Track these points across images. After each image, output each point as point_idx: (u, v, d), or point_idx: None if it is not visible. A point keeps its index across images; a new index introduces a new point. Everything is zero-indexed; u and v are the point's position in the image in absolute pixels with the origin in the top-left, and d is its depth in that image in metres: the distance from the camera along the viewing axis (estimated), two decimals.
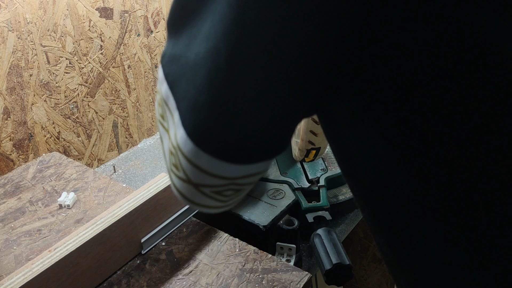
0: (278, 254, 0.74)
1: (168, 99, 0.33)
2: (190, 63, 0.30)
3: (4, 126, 0.91)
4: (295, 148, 0.79)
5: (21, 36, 0.89)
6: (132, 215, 0.66)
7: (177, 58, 0.31)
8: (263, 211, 0.76)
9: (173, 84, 0.32)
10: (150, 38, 1.13)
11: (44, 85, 0.95)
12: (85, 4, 0.97)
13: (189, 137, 0.31)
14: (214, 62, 0.28)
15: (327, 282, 0.69)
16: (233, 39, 0.27)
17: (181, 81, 0.31)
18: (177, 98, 0.32)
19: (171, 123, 0.33)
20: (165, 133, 0.35)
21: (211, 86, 0.29)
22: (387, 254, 0.37)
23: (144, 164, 1.06)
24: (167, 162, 0.35)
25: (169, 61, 0.32)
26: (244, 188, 0.36)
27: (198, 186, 0.34)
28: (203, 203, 0.36)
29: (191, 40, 0.30)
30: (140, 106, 1.16)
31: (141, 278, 0.65)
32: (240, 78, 0.28)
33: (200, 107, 0.30)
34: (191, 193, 0.35)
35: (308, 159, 0.78)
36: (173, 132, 0.33)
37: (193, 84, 0.30)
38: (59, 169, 0.89)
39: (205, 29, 0.29)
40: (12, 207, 0.80)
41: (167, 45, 0.33)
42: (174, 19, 0.32)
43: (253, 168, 0.33)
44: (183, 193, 0.35)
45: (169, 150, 0.34)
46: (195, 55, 0.29)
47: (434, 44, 0.26)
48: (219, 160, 0.31)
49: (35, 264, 0.57)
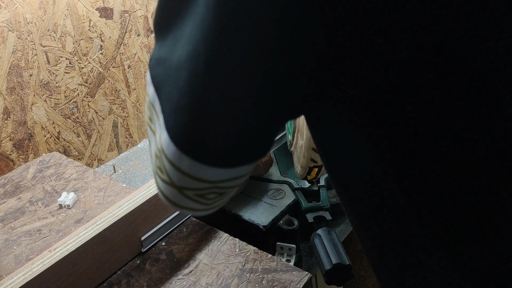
0: (278, 254, 0.74)
1: (154, 101, 0.33)
2: (174, 66, 0.30)
3: (4, 126, 0.91)
4: (297, 166, 0.79)
5: (21, 36, 0.89)
6: (132, 215, 0.66)
7: (162, 61, 0.32)
8: (263, 211, 0.76)
9: (159, 87, 0.32)
10: (150, 38, 1.13)
11: (44, 85, 0.95)
12: (85, 4, 0.97)
13: (171, 140, 0.31)
14: (193, 65, 0.28)
15: (327, 282, 0.69)
16: (211, 43, 0.27)
17: (165, 84, 0.31)
18: (162, 100, 0.32)
19: (157, 125, 0.33)
20: (152, 135, 0.35)
21: (191, 89, 0.29)
22: (373, 259, 0.37)
23: (144, 164, 1.06)
24: (153, 164, 0.35)
25: (155, 64, 0.32)
26: (228, 191, 0.36)
27: (181, 189, 0.34)
28: (187, 205, 0.36)
29: (175, 43, 0.30)
30: (140, 106, 1.16)
31: (141, 278, 0.65)
32: (218, 81, 0.28)
33: (181, 110, 0.30)
34: (174, 196, 0.35)
35: (310, 177, 0.78)
36: (158, 135, 0.33)
37: (175, 87, 0.30)
38: (59, 169, 0.89)
39: (186, 32, 0.29)
40: (12, 207, 0.80)
41: (154, 47, 0.34)
42: (159, 21, 0.32)
43: (235, 171, 0.33)
44: (167, 195, 0.35)
45: (154, 152, 0.34)
46: (177, 58, 0.30)
47: (410, 50, 0.26)
48: (201, 164, 0.31)
49: (35, 264, 0.57)
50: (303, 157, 0.75)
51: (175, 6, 0.30)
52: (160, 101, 0.32)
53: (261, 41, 0.26)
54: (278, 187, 0.84)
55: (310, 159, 0.74)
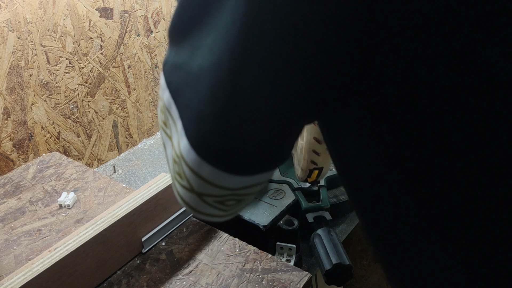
0: (278, 254, 0.74)
1: (170, 107, 0.33)
2: (194, 73, 0.30)
3: (4, 126, 0.91)
4: (298, 168, 0.79)
5: (21, 36, 0.89)
6: (132, 215, 0.66)
7: (179, 67, 0.32)
8: (263, 211, 0.76)
9: (176, 93, 0.32)
10: (150, 38, 1.13)
11: (44, 85, 0.95)
12: (85, 4, 0.97)
13: (192, 147, 0.31)
14: (218, 75, 0.28)
15: (327, 282, 0.69)
16: (236, 54, 0.27)
17: (184, 91, 0.31)
18: (180, 107, 0.32)
19: (174, 131, 0.33)
20: (168, 140, 0.35)
21: (214, 98, 0.29)
22: (384, 264, 0.37)
23: (144, 164, 1.06)
24: (171, 169, 0.35)
25: (171, 69, 0.33)
26: (246, 198, 0.36)
27: (201, 196, 0.34)
28: (206, 211, 0.36)
29: (194, 51, 0.30)
30: (140, 106, 1.16)
31: (141, 278, 0.65)
32: (242, 91, 0.28)
33: (204, 119, 0.30)
34: (194, 201, 0.35)
35: (310, 179, 0.78)
36: (176, 141, 0.33)
37: (196, 95, 0.30)
38: (59, 169, 0.89)
39: (209, 41, 0.29)
40: (12, 207, 0.80)
41: (169, 52, 0.34)
42: (176, 27, 0.33)
43: (255, 179, 0.33)
44: (186, 201, 0.36)
45: (172, 158, 0.34)
46: (198, 66, 0.30)
47: (435, 57, 0.25)
48: (222, 172, 0.32)
49: (35, 264, 0.57)
50: (303, 160, 0.75)
51: (195, 15, 0.30)
52: (177, 107, 0.32)
53: (287, 54, 0.26)
54: (278, 187, 0.84)
55: (311, 161, 0.74)
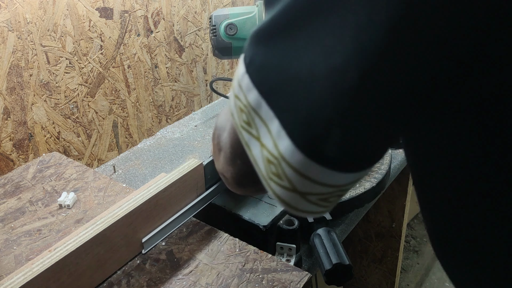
0: (278, 254, 0.74)
1: (259, 107, 0.33)
2: (298, 75, 0.30)
3: (4, 126, 0.91)
4: None
5: (21, 36, 0.89)
6: (132, 215, 0.66)
7: (273, 68, 0.31)
8: (263, 211, 0.76)
9: (270, 93, 0.32)
10: (150, 38, 1.13)
11: (44, 85, 0.95)
12: (85, 4, 0.97)
13: (298, 149, 0.31)
14: (342, 79, 0.28)
15: (327, 282, 0.69)
16: (375, 58, 0.27)
17: (282, 92, 0.31)
18: (276, 107, 0.32)
19: (264, 131, 0.33)
20: (254, 140, 0.35)
21: (335, 103, 0.29)
22: (452, 265, 0.38)
23: (144, 164, 1.06)
24: (263, 170, 0.35)
25: (261, 70, 0.32)
26: (346, 192, 0.36)
27: (305, 195, 0.34)
28: (307, 209, 0.36)
29: (293, 52, 0.30)
30: (140, 106, 1.16)
31: (141, 278, 0.65)
32: (368, 98, 0.28)
33: (315, 122, 0.30)
34: (296, 201, 0.35)
35: None
36: (271, 141, 0.33)
37: (306, 97, 0.30)
38: (59, 169, 0.89)
39: (320, 44, 0.29)
40: (12, 207, 0.80)
41: (253, 52, 0.33)
42: (269, 28, 0.32)
43: (360, 174, 0.34)
44: (286, 201, 0.35)
45: (264, 158, 0.34)
46: (307, 68, 0.29)
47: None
48: (333, 171, 0.32)
49: (35, 264, 0.57)
50: None
51: (295, 16, 0.30)
52: (272, 107, 0.32)
53: (431, 58, 0.27)
54: None
55: None
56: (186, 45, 1.23)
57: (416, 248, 2.01)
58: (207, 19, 1.27)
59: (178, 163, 1.05)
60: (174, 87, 1.24)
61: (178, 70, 1.23)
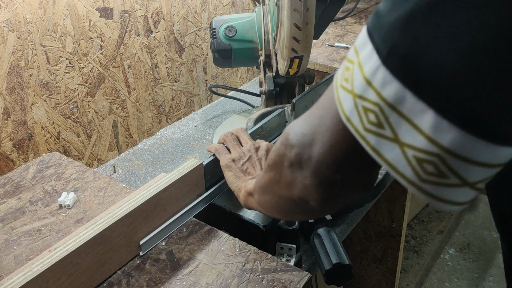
0: (278, 254, 0.74)
1: (401, 102, 0.31)
2: (447, 63, 0.29)
3: (4, 126, 0.91)
4: (281, 60, 0.85)
5: (21, 36, 0.89)
6: (132, 215, 0.66)
7: (419, 56, 0.30)
8: None
9: (418, 84, 0.30)
10: (150, 38, 1.13)
11: (44, 85, 0.95)
12: (85, 4, 0.97)
13: (474, 136, 0.29)
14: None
15: (327, 282, 0.69)
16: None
17: (434, 81, 0.29)
18: (429, 98, 0.30)
19: (405, 129, 0.31)
20: (387, 142, 0.32)
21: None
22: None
23: (144, 164, 1.06)
24: (409, 173, 0.32)
25: (406, 59, 0.30)
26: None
27: (473, 185, 0.32)
28: (466, 199, 0.34)
29: (437, 39, 0.29)
30: (140, 106, 1.16)
31: (141, 278, 0.65)
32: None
33: (487, 105, 0.28)
34: (465, 194, 0.33)
35: (292, 71, 0.82)
36: (420, 138, 0.31)
37: (462, 84, 0.28)
38: (59, 169, 0.89)
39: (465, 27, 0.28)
40: (12, 207, 0.80)
41: (393, 43, 0.31)
42: (408, 18, 0.30)
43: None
44: (454, 200, 0.33)
45: (412, 159, 0.32)
46: (458, 56, 0.28)
47: None
48: (503, 147, 0.30)
49: (35, 264, 0.57)
50: (285, 48, 0.80)
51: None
52: (422, 98, 0.30)
53: None
54: None
55: (291, 49, 0.79)
56: (186, 45, 1.23)
57: (416, 248, 2.01)
58: (207, 19, 1.27)
59: (178, 163, 1.05)
60: (174, 87, 1.24)
61: (178, 70, 1.23)
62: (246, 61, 1.10)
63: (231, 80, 1.44)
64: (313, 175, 0.41)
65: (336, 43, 1.41)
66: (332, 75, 1.07)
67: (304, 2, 0.82)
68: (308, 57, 0.89)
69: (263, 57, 1.04)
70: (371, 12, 1.68)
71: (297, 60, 0.84)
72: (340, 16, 1.62)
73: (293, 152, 0.42)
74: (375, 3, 1.78)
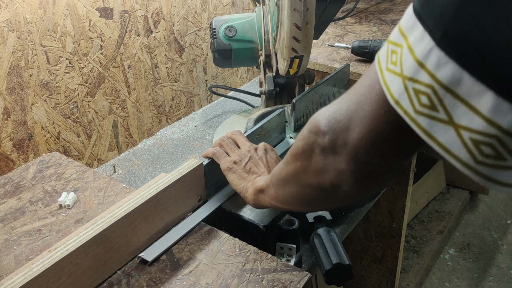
0: (278, 254, 0.74)
1: (458, 83, 0.30)
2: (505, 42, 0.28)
3: (4, 126, 0.91)
4: (281, 60, 0.85)
5: (21, 36, 0.89)
6: (132, 215, 0.66)
7: (477, 36, 0.29)
8: (263, 211, 0.76)
9: (477, 65, 0.29)
10: (150, 38, 1.13)
11: (44, 85, 0.95)
12: (85, 4, 0.97)
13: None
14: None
15: (327, 282, 0.69)
16: None
17: (493, 61, 0.29)
18: (489, 79, 0.29)
19: (460, 111, 0.30)
20: (441, 125, 0.32)
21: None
22: None
23: (144, 164, 1.06)
24: (465, 156, 0.32)
25: (463, 40, 0.30)
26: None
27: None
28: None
29: (495, 21, 0.29)
30: (140, 106, 1.16)
31: (141, 278, 0.65)
32: None
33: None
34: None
35: (292, 71, 0.83)
36: (479, 120, 0.30)
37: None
38: (59, 169, 0.89)
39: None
40: (12, 207, 0.80)
41: (448, 24, 0.30)
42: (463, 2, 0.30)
43: None
44: (508, 182, 0.33)
45: (469, 141, 0.31)
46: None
47: None
48: None
49: (35, 264, 0.57)
50: (285, 48, 0.81)
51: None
52: (481, 79, 0.29)
53: None
54: None
55: (291, 48, 0.80)
56: (186, 45, 1.23)
57: (416, 248, 2.01)
58: (207, 19, 1.27)
59: (178, 163, 1.05)
60: (174, 87, 1.24)
61: (178, 70, 1.23)
62: (246, 61, 1.10)
63: (231, 80, 1.44)
64: (349, 160, 0.41)
65: (336, 43, 1.41)
66: (332, 75, 1.07)
67: (304, 2, 0.82)
68: (308, 57, 0.89)
69: (263, 57, 1.04)
70: (371, 12, 1.68)
71: (297, 60, 0.85)
72: (340, 16, 1.62)
73: (326, 138, 0.42)
74: (375, 3, 1.78)
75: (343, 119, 0.41)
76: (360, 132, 0.39)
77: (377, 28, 1.52)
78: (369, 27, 1.54)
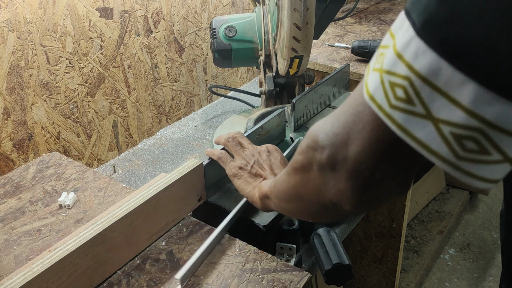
0: (278, 254, 0.74)
1: (436, 74, 0.28)
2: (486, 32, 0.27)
3: (4, 126, 0.91)
4: (281, 60, 0.85)
5: (21, 36, 0.89)
6: (132, 215, 0.66)
7: (459, 25, 0.28)
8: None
9: (458, 54, 0.28)
10: (150, 38, 1.13)
11: (44, 85, 0.95)
12: (85, 4, 0.97)
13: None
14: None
15: (327, 282, 0.69)
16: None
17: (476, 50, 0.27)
18: (470, 69, 0.28)
19: (439, 104, 0.29)
20: (417, 120, 0.30)
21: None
22: None
23: (144, 164, 1.06)
24: (445, 152, 0.30)
25: (443, 28, 0.28)
26: None
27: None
28: (503, 176, 0.32)
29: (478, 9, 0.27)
30: (140, 106, 1.16)
31: (141, 278, 0.65)
32: None
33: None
34: (503, 171, 0.31)
35: (292, 71, 0.83)
36: (459, 113, 0.28)
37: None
38: (59, 169, 0.89)
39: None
40: (12, 207, 0.80)
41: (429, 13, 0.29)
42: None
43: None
44: (490, 178, 0.31)
45: (449, 136, 0.29)
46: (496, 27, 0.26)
47: None
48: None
49: (35, 264, 0.57)
50: (285, 48, 0.81)
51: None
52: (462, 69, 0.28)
53: None
54: None
55: (291, 48, 0.80)
56: (186, 45, 1.23)
57: (416, 248, 2.01)
58: (207, 19, 1.27)
59: (178, 163, 1.05)
60: (174, 87, 1.24)
61: (178, 70, 1.23)
62: (246, 61, 1.10)
63: (231, 80, 1.44)
64: (349, 177, 0.38)
65: (336, 43, 1.41)
66: (332, 75, 1.07)
67: (304, 2, 0.82)
68: (308, 57, 0.89)
69: (263, 57, 1.04)
70: (370, 12, 1.68)
71: (297, 59, 0.85)
72: (340, 16, 1.62)
73: (324, 154, 0.39)
74: (375, 3, 1.78)
75: (341, 132, 0.38)
76: (360, 145, 0.36)
77: (376, 28, 1.52)
78: (368, 27, 1.54)
